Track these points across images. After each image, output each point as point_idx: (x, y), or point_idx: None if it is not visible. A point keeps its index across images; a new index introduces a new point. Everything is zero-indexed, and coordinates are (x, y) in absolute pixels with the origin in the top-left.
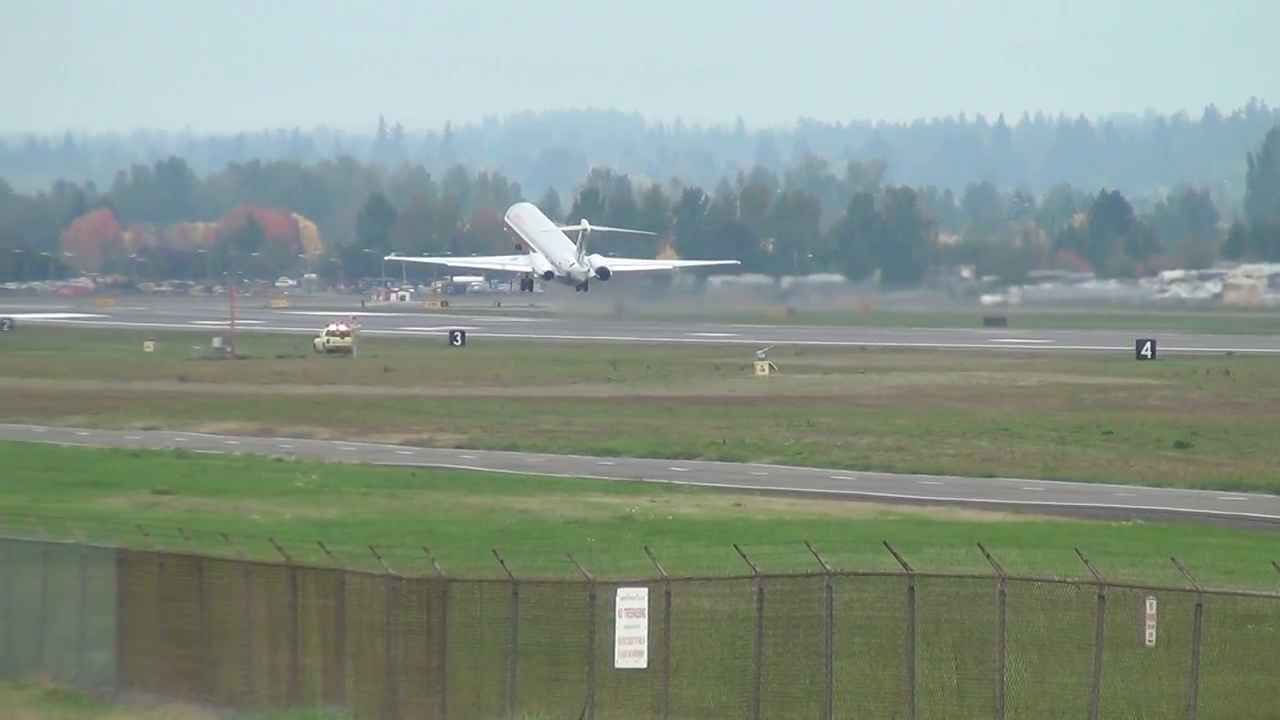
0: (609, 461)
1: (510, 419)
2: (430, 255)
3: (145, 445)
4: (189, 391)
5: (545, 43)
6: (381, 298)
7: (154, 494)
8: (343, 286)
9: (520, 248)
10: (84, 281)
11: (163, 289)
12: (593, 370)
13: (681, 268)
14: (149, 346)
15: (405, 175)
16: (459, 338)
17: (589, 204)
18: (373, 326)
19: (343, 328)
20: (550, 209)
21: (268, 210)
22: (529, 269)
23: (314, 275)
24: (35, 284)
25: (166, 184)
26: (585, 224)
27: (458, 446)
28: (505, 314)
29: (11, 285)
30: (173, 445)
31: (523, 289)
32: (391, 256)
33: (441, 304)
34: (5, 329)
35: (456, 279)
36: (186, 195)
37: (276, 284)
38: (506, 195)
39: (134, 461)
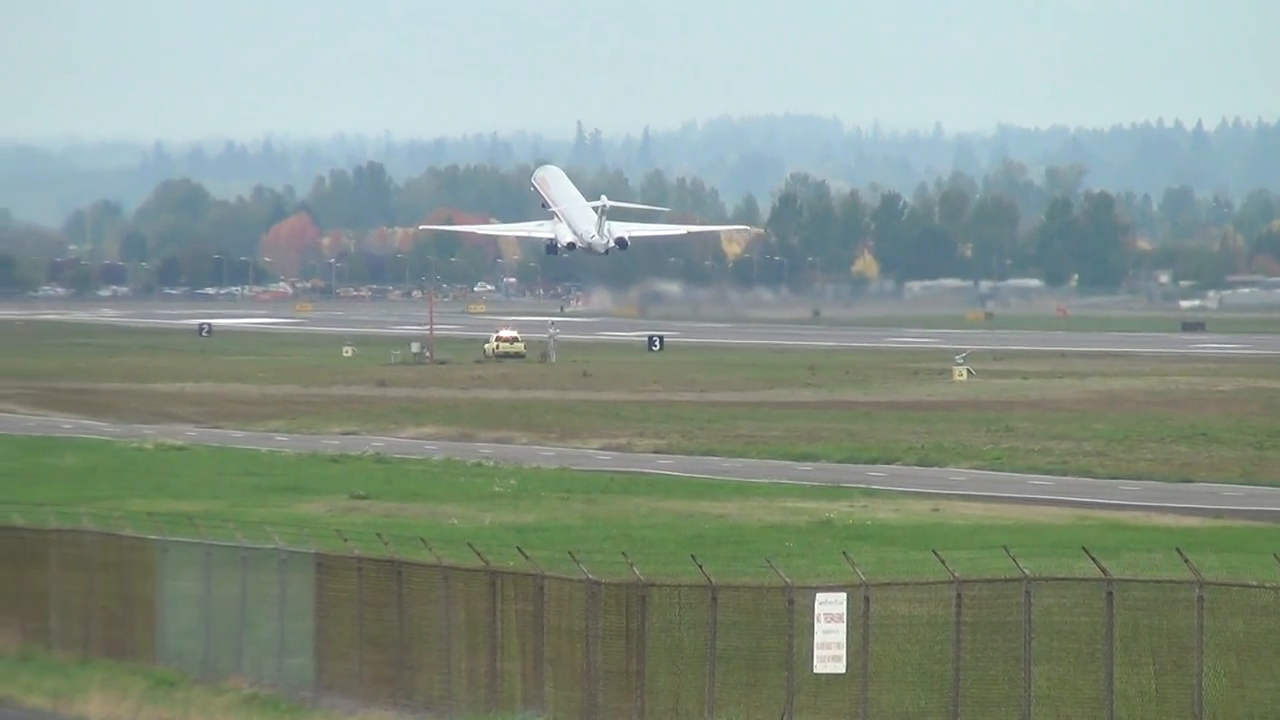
0: (807, 466)
1: (708, 424)
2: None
3: (344, 450)
4: (387, 396)
5: (744, 47)
6: (580, 303)
7: (352, 499)
8: (541, 291)
9: (547, 209)
10: (283, 286)
11: (361, 294)
12: (791, 375)
13: (694, 231)
14: (347, 351)
15: (603, 180)
16: (657, 342)
17: (786, 209)
18: (571, 331)
19: (513, 333)
20: (748, 214)
21: (466, 215)
22: (553, 236)
23: (512, 280)
24: (234, 289)
25: (365, 189)
26: (604, 199)
27: (655, 451)
28: (703, 319)
29: (211, 290)
30: (371, 450)
31: (547, 253)
32: (423, 225)
33: (639, 309)
34: (204, 334)
35: (655, 286)
36: (385, 200)
37: (475, 289)
38: (704, 200)
39: (332, 466)
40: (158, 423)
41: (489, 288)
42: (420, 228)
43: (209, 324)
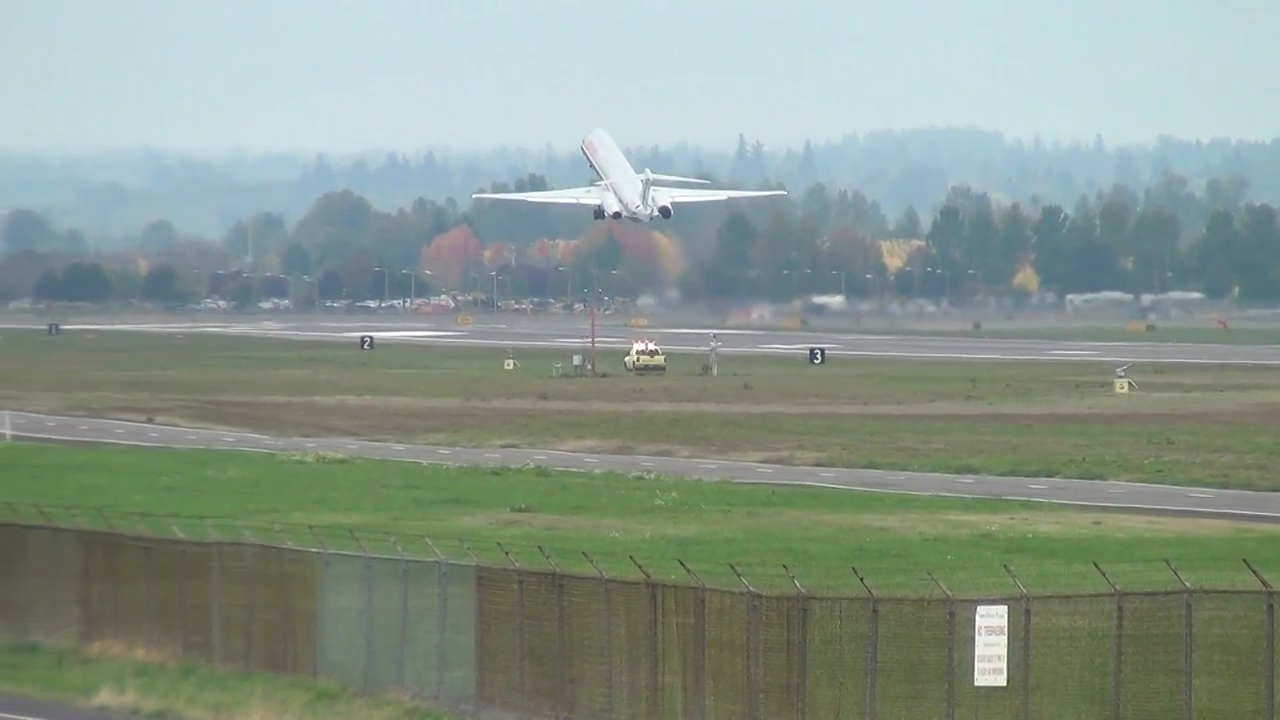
0: (968, 479)
1: (869, 437)
2: (784, 276)
3: (505, 463)
4: (549, 409)
5: (906, 60)
6: (742, 316)
7: (513, 512)
8: (702, 305)
9: (596, 171)
10: (444, 299)
11: (523, 307)
12: (952, 388)
13: (734, 197)
14: (509, 364)
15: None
16: (818, 355)
17: (948, 222)
18: (733, 345)
19: (653, 346)
20: (910, 228)
21: (628, 228)
22: (599, 203)
23: (674, 293)
24: (395, 302)
25: (526, 202)
26: (648, 172)
27: (817, 464)
28: (865, 332)
29: (372, 303)
30: (532, 463)
31: (595, 218)
32: (476, 194)
33: (801, 322)
34: (366, 347)
35: (816, 299)
36: (546, 213)
37: (636, 302)
38: (866, 214)
39: (493, 479)
40: (319, 436)
41: (651, 300)
42: (474, 196)
43: (370, 337)
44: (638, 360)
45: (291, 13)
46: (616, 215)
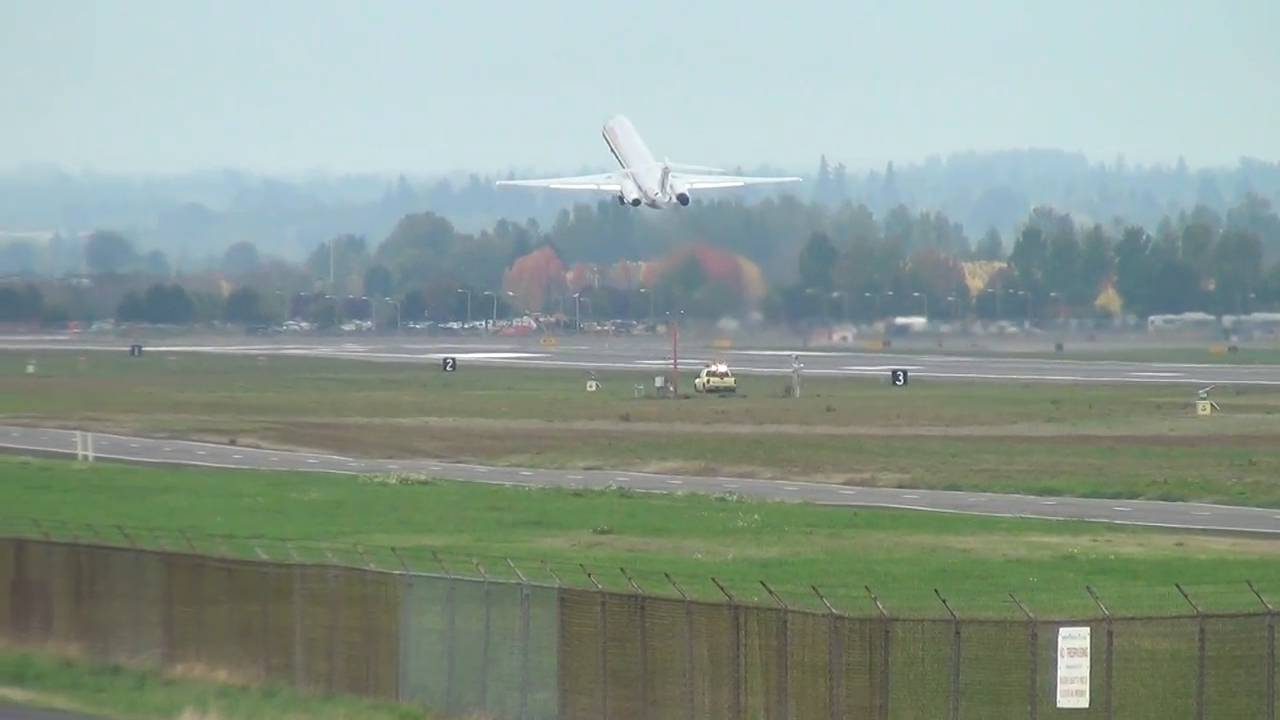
0: (1050, 501)
1: (952, 458)
2: (870, 296)
3: (587, 485)
4: (631, 431)
5: (987, 81)
6: (825, 338)
7: (596, 533)
8: (785, 326)
9: (617, 158)
10: (526, 321)
11: (605, 328)
12: (1034, 409)
13: (750, 183)
14: (591, 386)
15: (847, 215)
16: (901, 377)
17: (1030, 243)
18: (815, 366)
19: (722, 367)
20: (992, 249)
21: (710, 250)
22: (618, 189)
23: (757, 315)
24: (478, 323)
25: (609, 223)
26: (666, 160)
27: (899, 486)
28: (947, 353)
29: (454, 325)
30: (615, 485)
31: (620, 203)
32: (505, 182)
33: (883, 344)
34: (448, 368)
35: (899, 320)
36: (629, 234)
37: (719, 324)
38: (948, 236)
39: (576, 501)
40: (402, 457)
41: (733, 322)
42: (499, 184)
43: (453, 358)
44: (707, 382)
45: (375, 34)
46: (635, 202)
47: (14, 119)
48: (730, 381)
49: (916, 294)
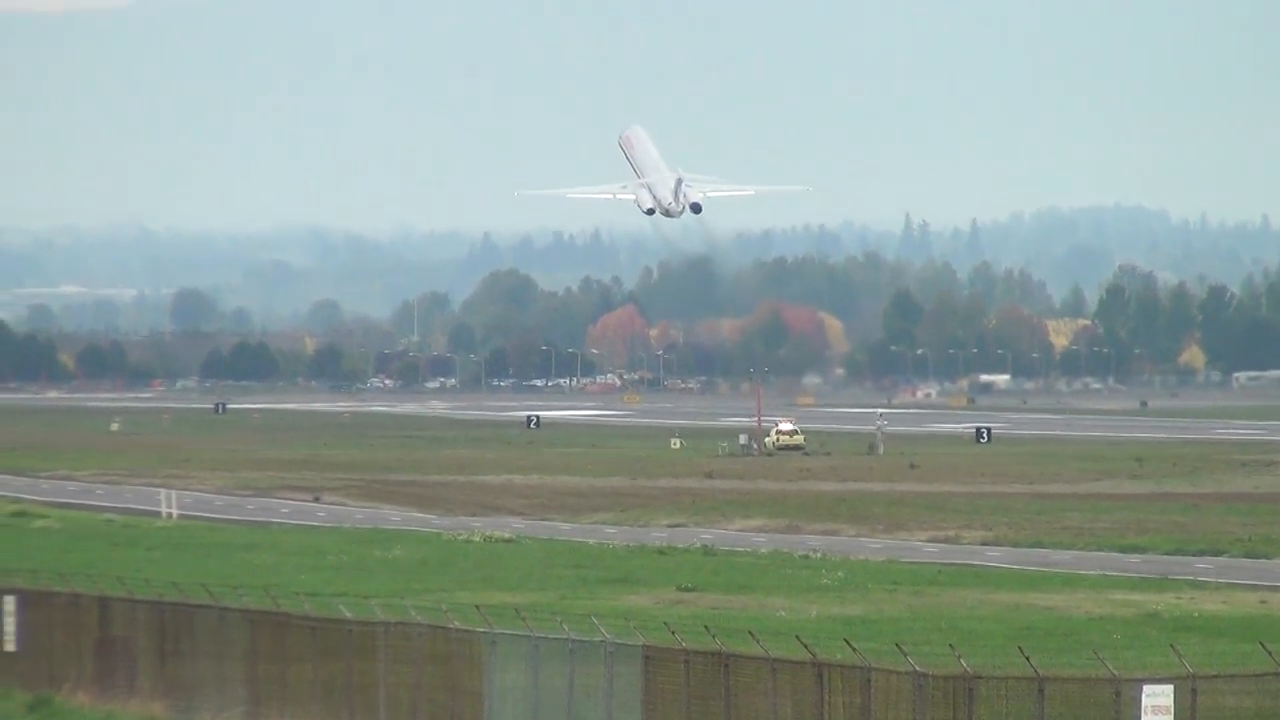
0: (1134, 558)
1: (1035, 516)
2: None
3: (671, 542)
4: (715, 488)
5: (1072, 138)
6: (908, 394)
7: (680, 591)
8: (869, 383)
9: (633, 168)
10: (610, 378)
11: (689, 385)
12: (1118, 467)
13: (762, 191)
14: (675, 444)
15: (931, 272)
16: (985, 434)
17: (1114, 300)
18: (899, 423)
19: (792, 425)
20: (1076, 306)
21: (793, 307)
22: (633, 198)
23: (840, 371)
24: (562, 381)
25: (692, 280)
26: (680, 171)
27: (983, 543)
28: (1030, 410)
29: (538, 382)
30: (699, 542)
31: (646, 213)
32: (522, 191)
33: (967, 401)
34: (532, 426)
35: (983, 377)
36: (712, 291)
37: (802, 381)
38: (1032, 293)
39: (660, 558)
40: (485, 515)
41: (817, 379)
42: (516, 193)
43: (537, 416)
44: (777, 440)
45: (458, 92)
46: (650, 211)
47: (98, 177)
48: (799, 440)
49: (1000, 351)
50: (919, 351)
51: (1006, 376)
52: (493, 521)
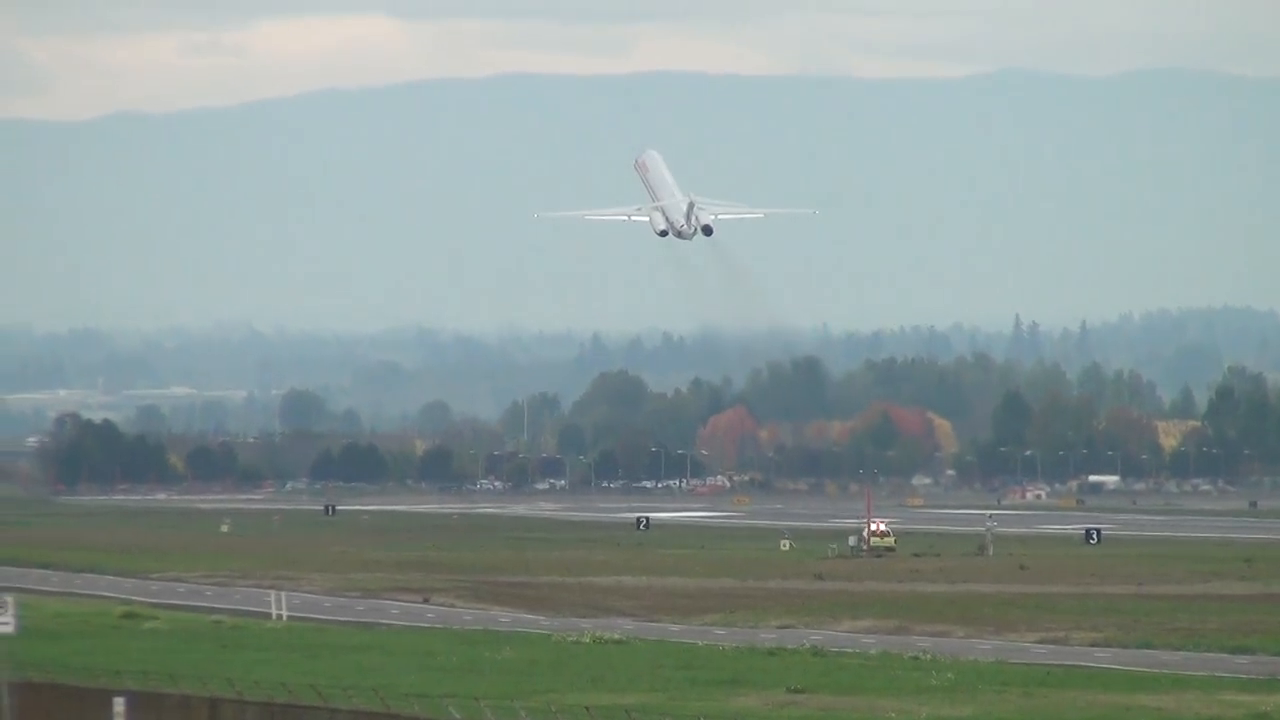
0: (1244, 659)
1: (1145, 617)
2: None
3: (781, 643)
4: (825, 590)
5: (1181, 239)
6: (1018, 495)
7: (789, 693)
8: (978, 485)
9: (648, 191)
10: (719, 479)
11: (798, 487)
12: (1228, 568)
13: (770, 213)
14: (784, 545)
15: (1040, 373)
16: (1094, 535)
17: (1223, 401)
18: (1009, 524)
19: (884, 527)
20: (1185, 407)
21: (903, 408)
22: (647, 220)
23: (950, 472)
24: (671, 482)
25: (802, 382)
26: (691, 196)
27: (1093, 644)
28: (1140, 511)
29: (648, 483)
30: (808, 643)
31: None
32: (541, 213)
33: (1077, 502)
34: (642, 527)
35: (1092, 478)
36: (821, 393)
37: (912, 481)
38: (1141, 394)
39: (769, 660)
40: (595, 616)
41: (926, 480)
42: (536, 215)
43: (646, 517)
44: (869, 541)
45: (569, 195)
46: (663, 233)
47: (207, 278)
48: (891, 541)
49: (1110, 452)
50: (1028, 452)
51: (1116, 477)
52: (602, 623)
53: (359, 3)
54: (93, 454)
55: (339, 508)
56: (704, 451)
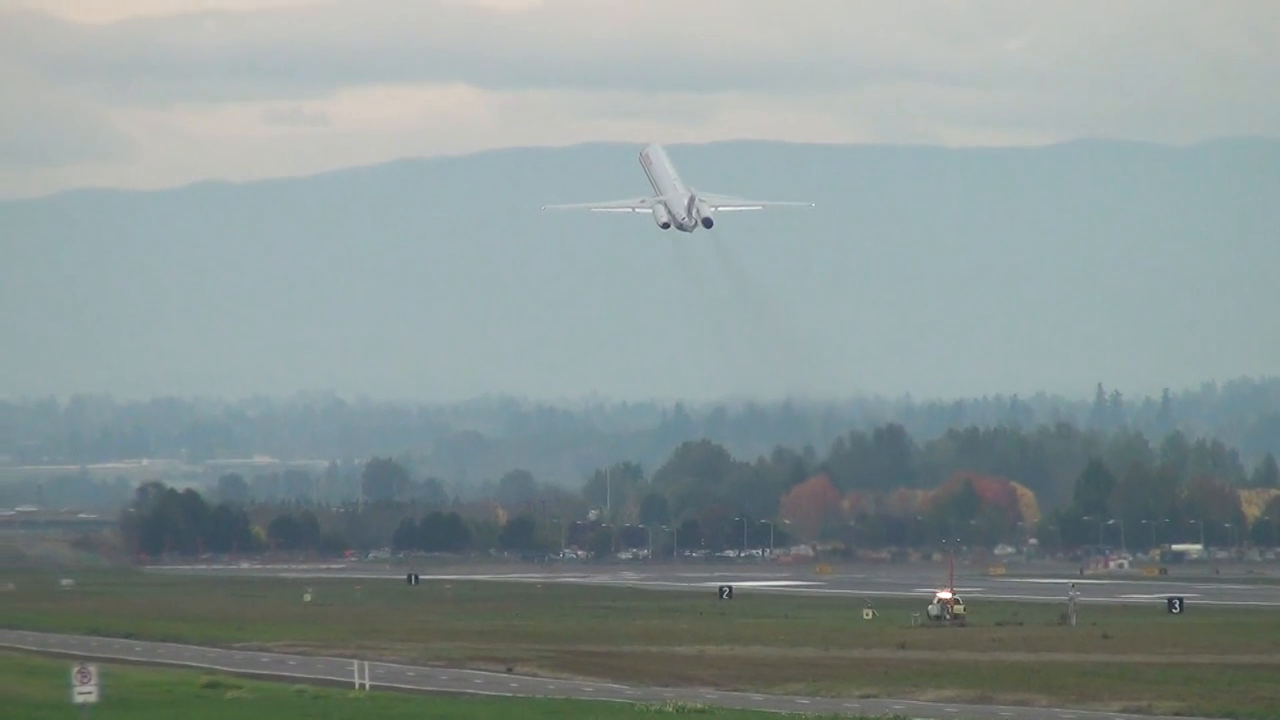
0: None
1: (1228, 686)
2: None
3: (864, 713)
4: (908, 659)
5: (1260, 308)
6: (1100, 565)
7: None
8: (1061, 554)
9: (651, 184)
10: (802, 548)
11: (880, 555)
12: None
13: (769, 205)
14: (867, 614)
15: (1123, 442)
16: (1177, 604)
17: None
18: (1091, 593)
19: (954, 595)
20: (1268, 476)
21: (985, 477)
22: (650, 212)
23: (1033, 541)
24: (754, 551)
25: (885, 451)
26: (693, 190)
27: (1176, 714)
28: (1223, 580)
29: (730, 553)
30: (891, 713)
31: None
32: (548, 206)
33: (1160, 571)
34: (725, 597)
35: (1175, 547)
36: (904, 462)
37: (994, 551)
38: (1224, 462)
39: None
40: (678, 685)
41: (1009, 549)
42: (542, 208)
43: (729, 586)
44: (952, 609)
45: (649, 261)
46: (665, 225)
47: (290, 348)
48: (961, 610)
49: (1192, 521)
50: (1111, 522)
51: (1199, 546)
52: (685, 692)
53: (440, 71)
54: (176, 523)
55: (422, 577)
56: (786, 520)
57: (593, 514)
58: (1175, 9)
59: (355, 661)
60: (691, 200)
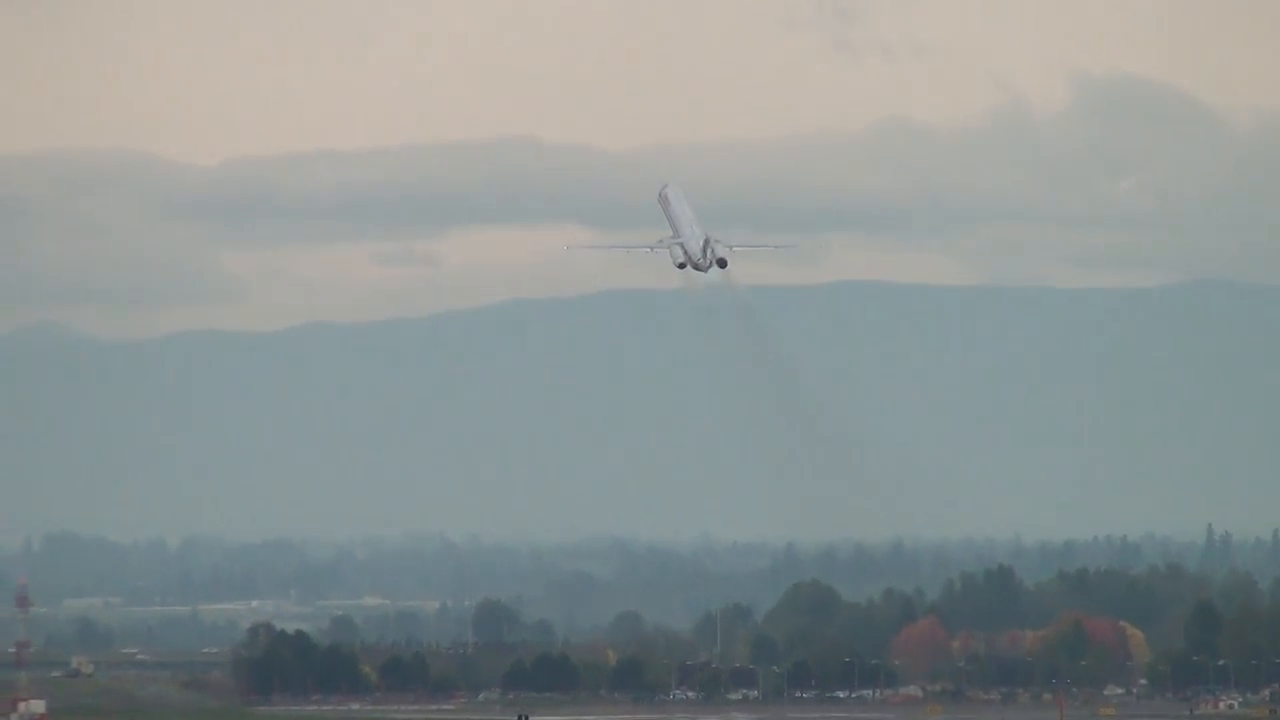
0: None
1: None
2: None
3: None
4: None
5: None
6: (1210, 705)
7: None
8: (1170, 695)
9: (670, 224)
10: (912, 689)
11: (990, 696)
12: None
13: (780, 247)
14: None
15: (1233, 582)
16: None
17: None
18: None
19: None
20: None
21: (1095, 617)
22: (668, 251)
23: (1143, 682)
24: (864, 692)
25: (994, 591)
26: (708, 234)
27: None
28: None
29: (841, 694)
30: None
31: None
32: (573, 245)
33: (1270, 711)
34: None
35: None
36: (1014, 603)
37: (1104, 691)
38: None
39: None
40: None
41: (1119, 690)
42: (566, 246)
43: None
44: None
45: (761, 400)
46: (681, 265)
47: (398, 489)
48: None
49: None
50: (1221, 662)
51: None
52: None
53: (551, 212)
54: (286, 664)
55: (532, 718)
56: (896, 661)
57: (703, 654)
58: None
59: None
60: (707, 242)
